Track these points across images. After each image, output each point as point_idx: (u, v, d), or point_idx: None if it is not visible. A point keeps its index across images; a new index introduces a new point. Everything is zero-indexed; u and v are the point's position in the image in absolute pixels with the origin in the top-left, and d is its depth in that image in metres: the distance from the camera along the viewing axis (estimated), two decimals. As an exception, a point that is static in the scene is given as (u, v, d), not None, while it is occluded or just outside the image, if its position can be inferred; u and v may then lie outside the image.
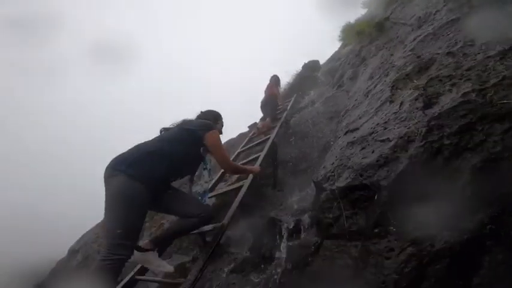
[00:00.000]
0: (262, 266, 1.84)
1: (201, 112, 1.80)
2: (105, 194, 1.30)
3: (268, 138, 2.80)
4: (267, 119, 3.43)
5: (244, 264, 1.95)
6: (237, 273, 1.93)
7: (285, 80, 5.22)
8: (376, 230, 1.11)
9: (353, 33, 3.97)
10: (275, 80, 4.04)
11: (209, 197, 1.87)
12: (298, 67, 5.59)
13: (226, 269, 2.01)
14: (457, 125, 1.05)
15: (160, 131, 1.58)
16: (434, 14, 2.56)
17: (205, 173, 1.77)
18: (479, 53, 1.51)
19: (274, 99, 3.75)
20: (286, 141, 3.08)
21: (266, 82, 3.98)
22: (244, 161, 2.57)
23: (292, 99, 4.09)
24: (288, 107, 3.73)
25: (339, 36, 4.87)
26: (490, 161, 0.95)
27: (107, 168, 1.29)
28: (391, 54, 2.75)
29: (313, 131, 2.91)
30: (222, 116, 1.85)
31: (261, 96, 3.87)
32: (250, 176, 2.02)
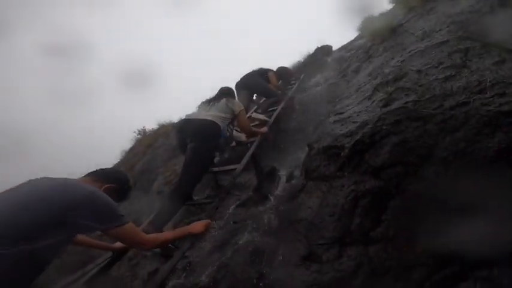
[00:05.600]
0: (262, 202, 2.92)
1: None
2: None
3: (276, 108, 3.92)
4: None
5: (248, 201, 3.04)
6: (242, 207, 3.01)
7: (296, 58, 6.22)
8: (337, 174, 2.17)
9: (370, 30, 4.89)
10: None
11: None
12: (311, 48, 6.59)
13: (233, 205, 3.10)
14: (393, 119, 2.09)
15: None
16: (437, 32, 3.42)
17: None
18: (434, 75, 2.51)
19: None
20: (289, 114, 4.16)
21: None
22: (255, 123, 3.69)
23: (301, 77, 5.16)
24: (295, 85, 4.82)
25: (358, 26, 5.80)
26: (404, 141, 1.99)
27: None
28: (392, 58, 3.70)
29: (312, 110, 3.97)
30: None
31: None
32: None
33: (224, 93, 2.98)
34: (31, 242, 1.19)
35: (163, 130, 5.85)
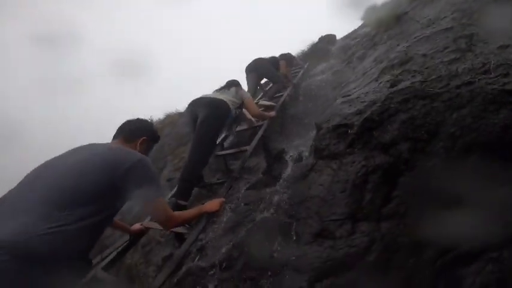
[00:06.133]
0: (273, 183, 2.97)
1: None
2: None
3: (282, 94, 4.02)
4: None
5: (258, 183, 3.11)
6: (252, 189, 3.07)
7: (300, 47, 6.29)
8: (347, 150, 2.25)
9: (373, 19, 4.97)
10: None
11: None
12: (315, 38, 6.67)
13: (243, 188, 3.17)
14: (400, 98, 2.17)
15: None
16: (441, 19, 3.53)
17: None
18: (439, 58, 2.61)
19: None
20: (295, 101, 4.25)
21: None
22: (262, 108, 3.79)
23: (305, 66, 5.24)
24: (300, 73, 4.90)
25: (362, 16, 5.90)
26: (412, 118, 2.08)
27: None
28: (397, 44, 3.79)
29: (318, 95, 4.07)
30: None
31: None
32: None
33: (231, 84, 3.25)
34: (98, 211, 1.23)
35: (170, 120, 5.94)
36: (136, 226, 2.23)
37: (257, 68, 4.70)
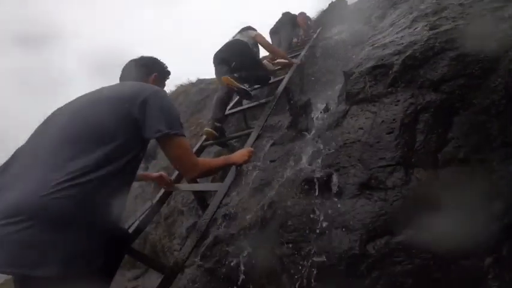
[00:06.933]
0: (300, 136, 2.79)
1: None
2: None
3: (298, 54, 3.90)
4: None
5: (283, 138, 2.91)
6: (278, 145, 2.86)
7: (310, 15, 6.06)
8: (388, 90, 2.09)
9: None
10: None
11: None
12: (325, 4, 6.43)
13: (267, 145, 2.98)
14: (445, 38, 2.04)
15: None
16: None
17: None
18: (480, 6, 2.46)
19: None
20: (313, 59, 4.11)
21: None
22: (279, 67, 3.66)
23: (318, 30, 5.09)
24: (315, 35, 4.77)
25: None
26: (463, 55, 1.90)
27: None
28: (422, 2, 3.66)
29: (337, 54, 3.91)
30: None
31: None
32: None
33: (240, 31, 3.38)
34: (120, 153, 1.07)
35: (183, 89, 5.86)
36: (164, 174, 2.00)
37: (277, 30, 5.05)
